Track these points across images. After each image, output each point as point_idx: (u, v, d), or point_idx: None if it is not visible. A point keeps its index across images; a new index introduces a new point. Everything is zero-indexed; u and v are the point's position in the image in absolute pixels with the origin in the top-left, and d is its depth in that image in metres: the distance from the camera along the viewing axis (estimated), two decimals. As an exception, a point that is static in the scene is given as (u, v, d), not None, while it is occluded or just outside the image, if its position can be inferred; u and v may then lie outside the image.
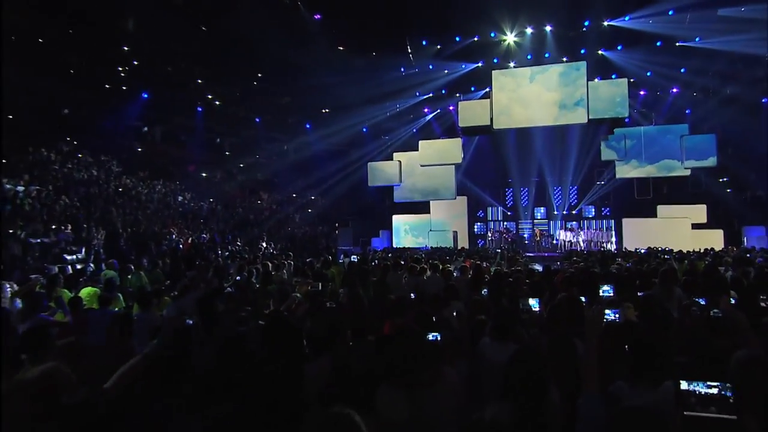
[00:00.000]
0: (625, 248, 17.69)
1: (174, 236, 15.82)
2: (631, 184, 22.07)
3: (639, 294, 4.98)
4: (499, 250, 16.03)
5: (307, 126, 24.45)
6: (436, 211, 23.38)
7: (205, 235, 17.24)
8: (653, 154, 20.32)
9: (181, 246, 14.95)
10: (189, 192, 21.14)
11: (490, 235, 23.30)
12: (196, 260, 11.50)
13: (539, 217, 25.14)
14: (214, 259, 12.22)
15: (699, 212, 20.43)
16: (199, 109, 21.27)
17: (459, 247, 18.67)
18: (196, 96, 19.67)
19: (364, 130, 24.46)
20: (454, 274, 7.49)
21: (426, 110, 23.85)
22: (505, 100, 19.58)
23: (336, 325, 3.24)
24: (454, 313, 4.04)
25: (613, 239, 21.17)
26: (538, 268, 8.82)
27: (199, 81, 18.60)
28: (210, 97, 20.28)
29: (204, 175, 23.41)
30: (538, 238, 22.01)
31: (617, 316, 3.66)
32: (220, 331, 3.70)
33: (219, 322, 3.89)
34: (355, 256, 11.13)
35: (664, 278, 5.36)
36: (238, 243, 17.77)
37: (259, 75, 19.01)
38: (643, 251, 15.10)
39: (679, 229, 19.77)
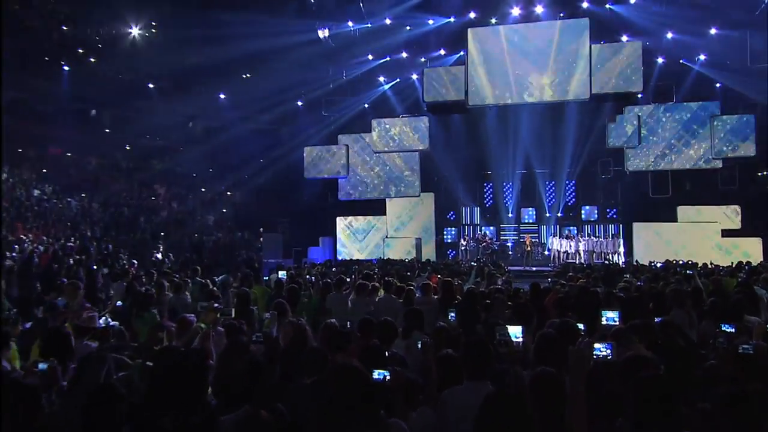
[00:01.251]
0: (636, 261, 17.82)
1: (27, 245, 15.36)
2: (645, 180, 22.01)
3: (656, 321, 5.19)
4: (475, 264, 15.96)
5: (221, 96, 23.78)
6: (394, 212, 23.66)
7: (72, 243, 16.64)
8: (674, 140, 20.45)
9: (36, 259, 14.56)
10: (50, 184, 20.12)
11: (463, 243, 23.42)
12: (57, 278, 11.01)
13: (527, 221, 25.37)
14: (85, 277, 11.97)
15: (731, 216, 20.67)
16: (65, 67, 19.99)
17: (423, 260, 18.72)
18: (60, 49, 18.24)
19: (299, 103, 24.50)
20: (416, 294, 7.68)
21: (381, 80, 23.79)
22: (483, 68, 19.87)
23: (258, 367, 3.32)
24: (419, 345, 4.29)
25: (621, 249, 21.39)
26: (525, 287, 8.95)
27: (64, 28, 17.22)
28: (80, 51, 18.73)
29: (71, 157, 22.17)
30: (528, 248, 22.28)
31: (609, 351, 3.69)
32: (88, 379, 3.60)
33: (86, 367, 3.74)
34: (283, 273, 10.94)
35: (682, 299, 5.68)
36: (122, 254, 17.26)
37: (152, 21, 17.96)
38: (659, 265, 15.30)
39: (705, 237, 20.04)
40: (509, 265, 20.33)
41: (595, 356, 3.58)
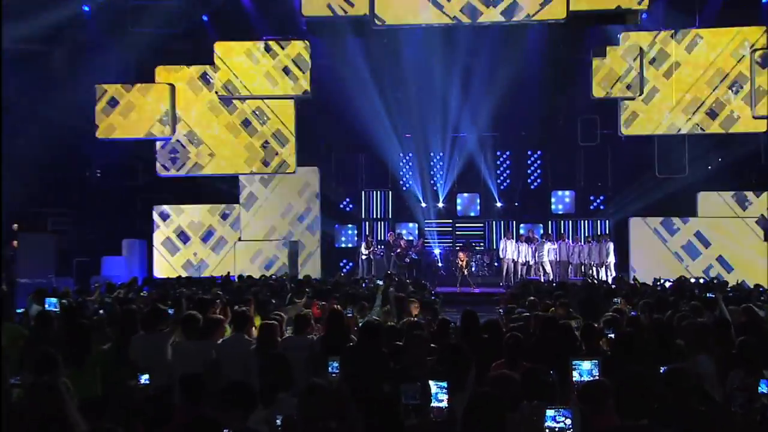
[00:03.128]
0: (634, 279, 18.15)
1: None
2: (649, 150, 22.35)
3: (661, 371, 5.49)
4: (382, 283, 14.93)
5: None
6: (253, 200, 24.03)
7: None
8: (694, 87, 20.76)
9: None
10: None
11: (365, 251, 23.67)
12: None
13: (466, 214, 26.30)
14: None
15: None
16: None
17: (300, 277, 18.86)
18: None
19: (86, 8, 22.88)
20: (286, 333, 8.28)
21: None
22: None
23: None
24: (277, 423, 4.86)
25: (611, 260, 21.87)
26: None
27: None
28: None
29: None
30: (463, 268, 22.44)
31: (569, 422, 4.09)
32: None
33: None
34: (54, 301, 10.96)
35: (704, 338, 6.60)
36: None
37: None
38: (667, 284, 15.93)
39: (739, 239, 20.74)
40: (438, 284, 21.00)
41: (547, 429, 4.03)
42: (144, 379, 5.87)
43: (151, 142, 22.71)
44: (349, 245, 26.20)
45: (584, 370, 5.44)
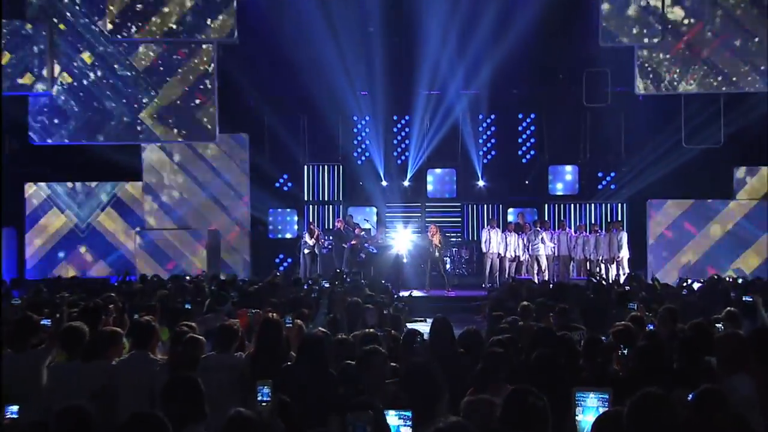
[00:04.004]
0: (654, 278, 17.85)
1: None
2: (675, 113, 22.09)
3: (689, 397, 5.53)
4: (329, 285, 15.76)
5: None
6: (160, 176, 23.66)
7: None
8: (738, 33, 20.83)
9: None
10: None
11: (310, 241, 23.06)
12: None
13: (440, 195, 26.32)
14: None
15: None
16: None
17: (223, 277, 18.50)
18: None
19: None
20: (206, 349, 8.06)
21: None
22: None
23: None
24: None
25: (624, 254, 21.60)
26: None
27: None
28: None
29: None
30: (437, 250, 21.91)
31: None
32: None
33: None
34: None
35: (743, 355, 6.32)
36: None
37: None
38: (695, 285, 15.90)
39: None
40: (402, 286, 20.71)
41: None
42: (11, 411, 5.47)
43: (23, 100, 21.87)
44: (288, 236, 25.76)
45: (589, 407, 5.04)
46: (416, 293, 20.46)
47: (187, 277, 18.40)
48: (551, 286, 16.50)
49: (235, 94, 23.34)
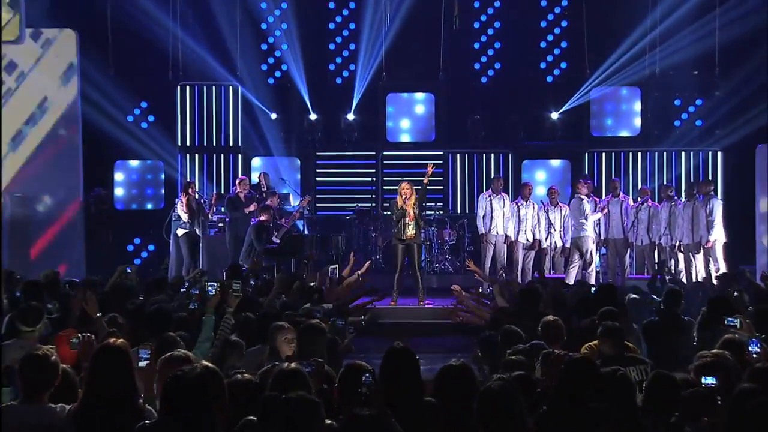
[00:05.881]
0: (766, 275, 14.99)
1: None
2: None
3: None
4: (213, 289, 11.04)
5: None
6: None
7: None
8: None
9: None
10: None
11: (182, 212, 20.17)
12: None
13: (411, 139, 22.85)
14: None
15: None
16: None
17: (39, 278, 14.20)
18: None
19: None
20: None
21: None
22: None
23: None
24: None
25: (717, 235, 18.71)
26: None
27: None
28: None
29: None
30: (404, 197, 18.58)
31: None
32: None
33: None
34: None
35: None
36: None
37: None
38: None
39: None
40: (347, 291, 16.55)
41: None
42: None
43: None
44: (148, 206, 21.46)
45: None
46: (375, 304, 15.26)
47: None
48: (594, 290, 12.72)
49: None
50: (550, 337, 8.27)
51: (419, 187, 17.60)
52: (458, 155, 21.90)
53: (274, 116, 21.88)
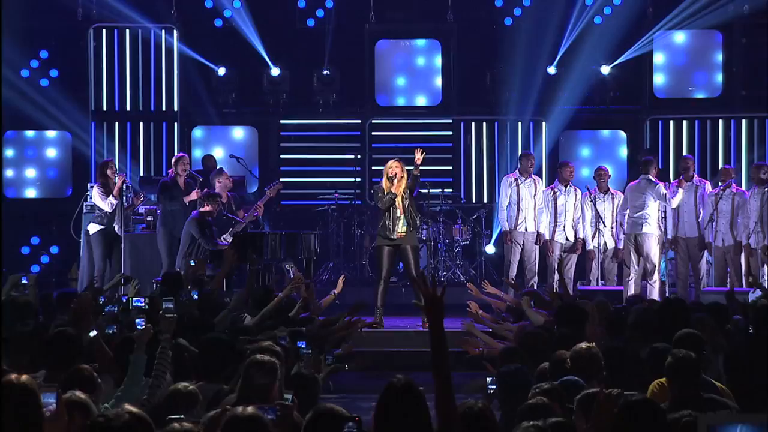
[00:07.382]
0: None
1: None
2: None
3: None
4: (147, 305, 12.80)
5: None
6: None
7: None
8: None
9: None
10: None
11: (100, 200, 19.41)
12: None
13: (409, 102, 23.12)
14: None
15: None
16: None
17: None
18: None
19: None
20: None
21: None
22: None
23: None
24: None
25: None
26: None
27: None
28: None
29: None
30: (393, 176, 18.14)
31: None
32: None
33: None
34: None
35: None
36: None
37: None
38: None
39: None
40: (316, 307, 15.34)
41: None
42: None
43: None
44: (50, 194, 20.87)
45: None
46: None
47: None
48: (661, 307, 11.92)
49: None
50: (584, 371, 7.52)
51: (410, 173, 16.53)
52: (473, 124, 20.45)
53: (222, 71, 20.43)
